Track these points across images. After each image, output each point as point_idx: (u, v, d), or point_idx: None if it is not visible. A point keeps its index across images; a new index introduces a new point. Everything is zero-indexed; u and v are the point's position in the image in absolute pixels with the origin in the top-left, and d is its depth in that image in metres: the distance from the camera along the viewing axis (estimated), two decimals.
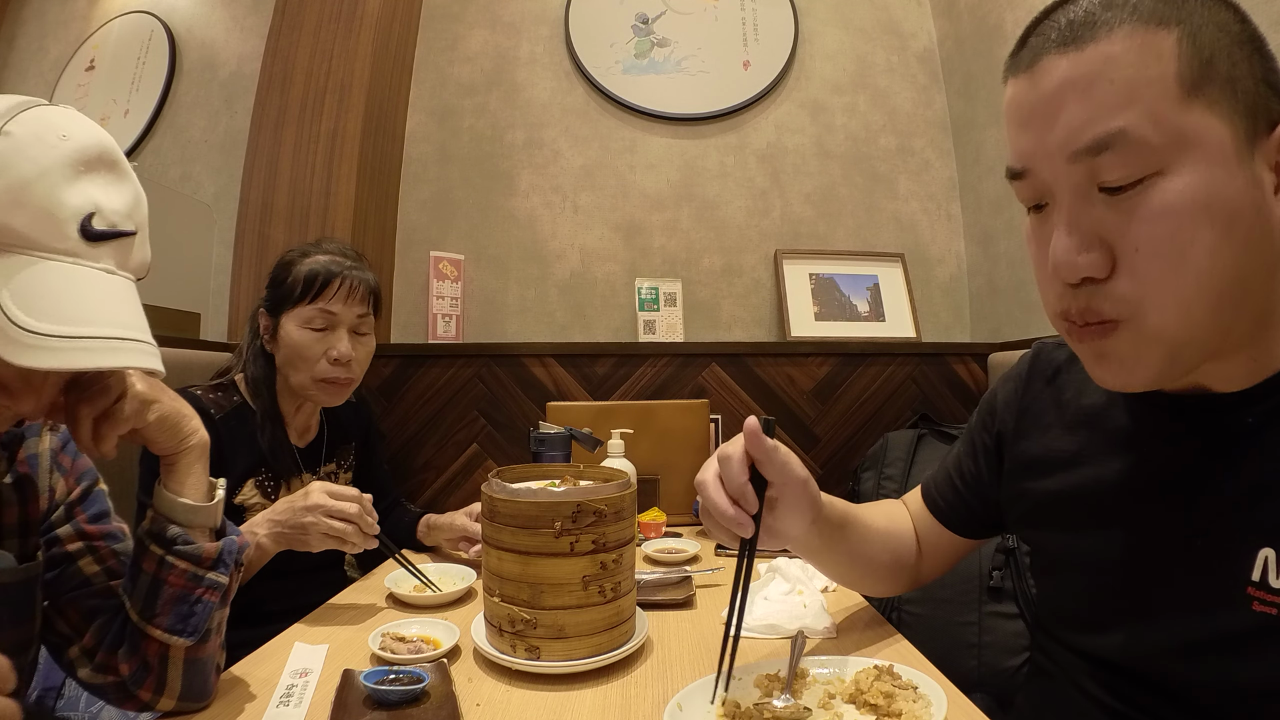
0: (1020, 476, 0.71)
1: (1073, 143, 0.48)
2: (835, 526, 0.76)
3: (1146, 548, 0.57)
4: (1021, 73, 0.52)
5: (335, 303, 1.15)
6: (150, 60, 2.59)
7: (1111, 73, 0.47)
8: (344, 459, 1.32)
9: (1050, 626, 0.69)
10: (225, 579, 0.68)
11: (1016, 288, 2.04)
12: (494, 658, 0.76)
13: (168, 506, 0.68)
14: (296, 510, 0.96)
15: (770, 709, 0.61)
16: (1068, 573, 0.65)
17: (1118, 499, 0.60)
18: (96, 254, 0.53)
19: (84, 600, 0.68)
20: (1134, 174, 0.47)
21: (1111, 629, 0.59)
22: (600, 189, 2.32)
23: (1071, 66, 0.48)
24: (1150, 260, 0.47)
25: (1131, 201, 0.48)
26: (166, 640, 0.65)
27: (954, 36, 2.36)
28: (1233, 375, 0.53)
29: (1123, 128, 0.46)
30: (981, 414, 0.80)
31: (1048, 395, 0.71)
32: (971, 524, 0.81)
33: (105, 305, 0.52)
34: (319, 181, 1.96)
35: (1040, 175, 0.51)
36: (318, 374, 1.15)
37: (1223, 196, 0.46)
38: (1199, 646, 0.53)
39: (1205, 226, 0.46)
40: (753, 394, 2.03)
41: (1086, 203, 0.49)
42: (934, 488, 0.84)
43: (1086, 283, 0.50)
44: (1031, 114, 0.51)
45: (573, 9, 2.39)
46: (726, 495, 0.65)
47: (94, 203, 0.53)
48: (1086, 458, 0.64)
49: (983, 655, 1.34)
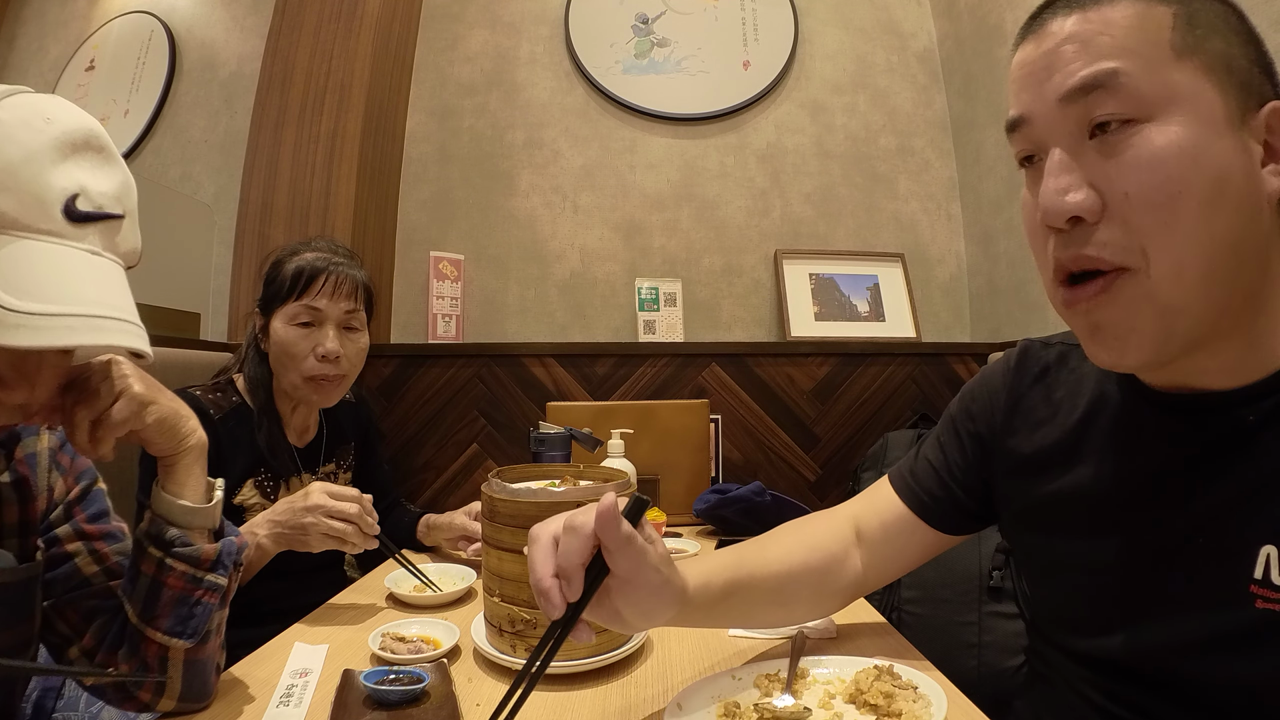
0: (1011, 476, 0.70)
1: (1066, 83, 0.50)
2: (715, 601, 0.68)
3: (1146, 548, 0.57)
4: (1030, 37, 0.54)
5: (321, 298, 1.14)
6: (150, 60, 2.60)
7: (1110, 30, 0.49)
8: (343, 459, 1.32)
9: (1048, 631, 0.67)
10: (224, 580, 0.68)
11: (1016, 288, 2.04)
12: (494, 658, 0.76)
13: (166, 508, 0.67)
14: (296, 511, 0.96)
15: (770, 709, 0.61)
16: (1065, 576, 0.64)
17: (1115, 500, 0.60)
18: (82, 235, 0.52)
19: (83, 601, 0.68)
20: (1124, 112, 0.48)
21: (1112, 631, 0.59)
22: (600, 189, 2.32)
23: (1073, 24, 0.51)
24: (1141, 208, 0.48)
25: (1120, 145, 0.49)
26: (166, 642, 0.65)
27: (954, 36, 2.36)
28: (1227, 366, 0.53)
29: (1115, 69, 0.48)
30: (964, 403, 0.76)
31: (1037, 393, 0.69)
32: (957, 519, 0.76)
33: (90, 285, 0.52)
34: (319, 181, 1.96)
35: (1035, 124, 0.53)
36: (306, 371, 1.14)
37: (1211, 153, 0.47)
38: (1202, 645, 0.53)
39: (1195, 179, 0.47)
40: (753, 394, 2.03)
41: (1078, 147, 0.51)
42: (914, 483, 0.77)
43: (1076, 225, 0.50)
44: (1033, 70, 0.53)
45: (573, 9, 2.39)
46: (553, 567, 0.54)
47: (80, 184, 0.52)
48: (1081, 458, 0.63)
49: (983, 655, 1.34)
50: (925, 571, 1.59)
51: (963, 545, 1.52)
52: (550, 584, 0.54)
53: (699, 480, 1.56)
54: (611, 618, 0.57)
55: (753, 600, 0.72)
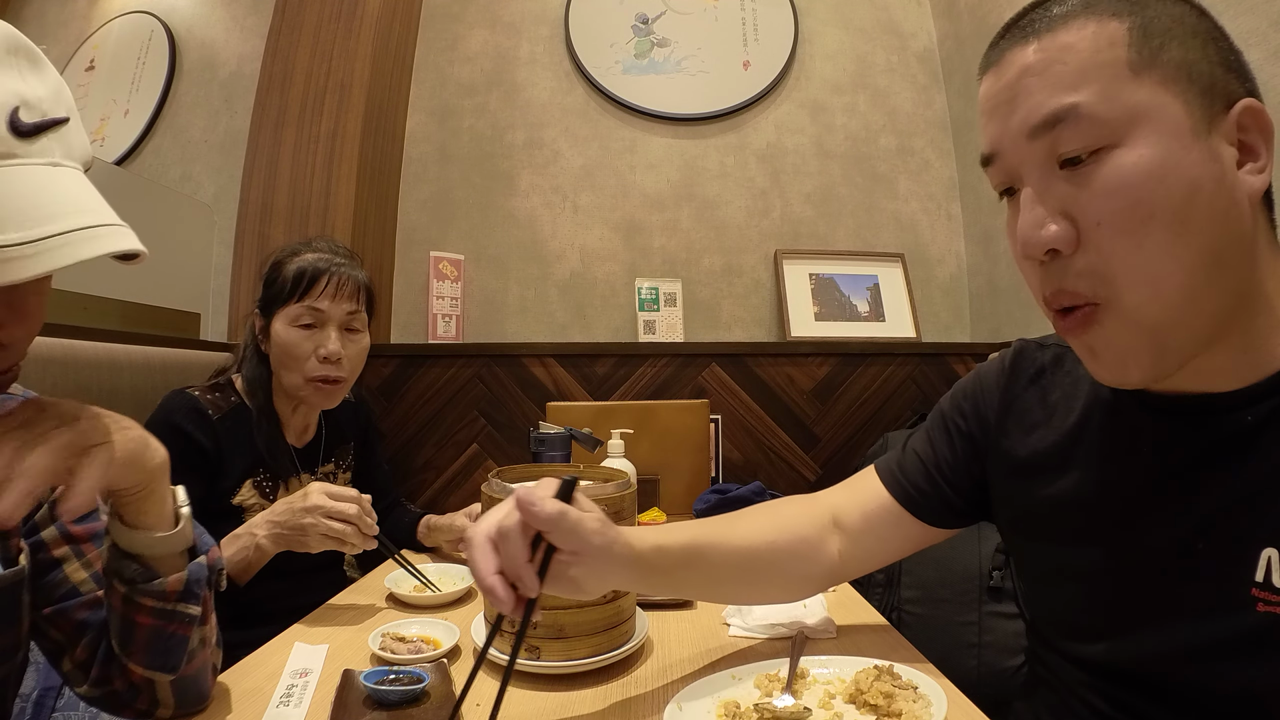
0: (1007, 479, 0.69)
1: (1030, 119, 0.51)
2: (674, 566, 0.69)
3: (1145, 553, 0.57)
4: (991, 68, 0.55)
5: (323, 300, 1.14)
6: (150, 60, 2.60)
7: (1066, 57, 0.50)
8: (343, 459, 1.32)
9: (1047, 635, 0.67)
10: (197, 609, 0.64)
11: (1016, 288, 2.04)
12: (494, 658, 0.76)
13: (130, 542, 0.60)
14: (295, 511, 0.95)
15: (770, 709, 0.61)
16: (1064, 581, 0.63)
17: (1113, 504, 0.59)
18: (36, 149, 0.49)
19: (74, 612, 0.66)
20: (1089, 144, 0.49)
21: (1112, 637, 0.58)
22: (600, 189, 2.32)
23: (1031, 55, 0.51)
24: (1112, 235, 0.48)
25: (1089, 174, 0.49)
26: (148, 675, 0.63)
27: (954, 36, 2.36)
28: (1225, 369, 0.52)
29: (1075, 103, 0.49)
30: (956, 401, 0.76)
31: (1033, 394, 0.69)
32: (944, 514, 0.75)
33: (63, 196, 0.48)
34: (319, 181, 1.96)
35: (1006, 158, 0.54)
36: (308, 373, 1.14)
37: (1179, 168, 0.47)
38: (1204, 650, 0.52)
39: (1163, 197, 0.47)
40: (753, 394, 2.03)
41: (1049, 179, 0.51)
42: (902, 476, 0.76)
43: (1054, 258, 0.51)
44: (997, 102, 0.54)
45: (573, 9, 2.39)
46: (495, 565, 0.56)
47: (16, 95, 0.49)
48: (1078, 462, 0.62)
49: (983, 655, 1.34)
50: (925, 571, 1.59)
51: (963, 545, 1.52)
52: (493, 581, 0.56)
53: (699, 480, 1.56)
54: (570, 588, 0.60)
55: (716, 573, 0.73)
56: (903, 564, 1.71)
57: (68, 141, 0.52)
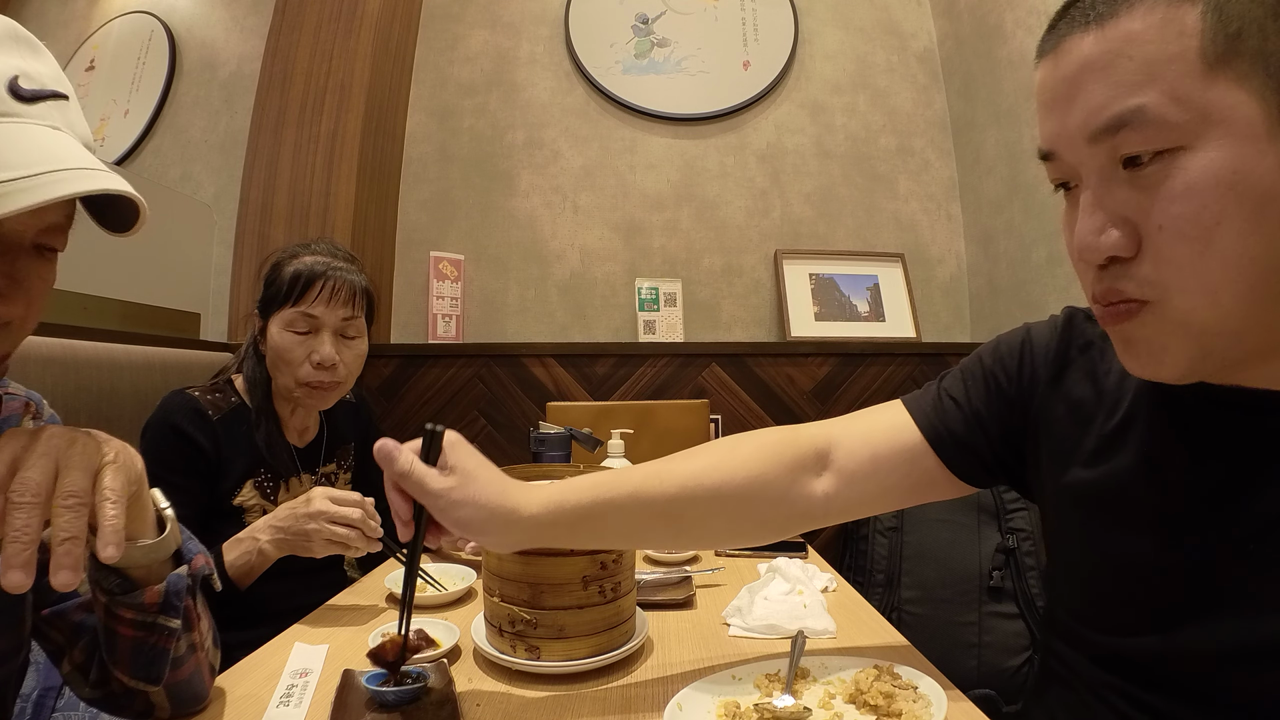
0: (1052, 454, 0.65)
1: (1091, 123, 0.47)
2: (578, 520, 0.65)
3: (1195, 549, 0.54)
4: (1047, 55, 0.51)
5: (318, 305, 1.13)
6: (150, 60, 2.60)
7: (1131, 50, 0.45)
8: (343, 459, 1.32)
9: (1070, 628, 0.63)
10: (177, 621, 0.63)
11: (1016, 288, 2.04)
12: (494, 658, 0.76)
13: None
14: (299, 517, 0.95)
15: (770, 709, 0.61)
16: (1102, 569, 0.60)
17: (1165, 495, 0.56)
18: (36, 112, 0.51)
19: (70, 615, 0.66)
20: (1155, 146, 0.45)
21: (1148, 633, 0.55)
22: (600, 189, 2.32)
23: (1092, 45, 0.47)
24: (1174, 240, 0.45)
25: (1154, 178, 0.46)
26: (136, 686, 0.63)
27: (954, 36, 2.36)
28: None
29: (1141, 105, 0.45)
30: (1001, 354, 0.70)
31: (1081, 366, 0.64)
32: (975, 467, 0.69)
33: (62, 151, 0.50)
34: (319, 182, 1.96)
35: (1065, 158, 0.50)
36: (301, 377, 1.14)
37: (1252, 175, 0.44)
38: (1250, 654, 0.50)
39: (1232, 206, 0.44)
40: (753, 394, 2.03)
41: (1110, 183, 0.48)
42: (935, 417, 0.70)
43: (1113, 264, 0.48)
44: (1054, 97, 0.50)
45: (573, 9, 2.39)
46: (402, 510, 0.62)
47: (17, 68, 0.51)
48: (1130, 447, 0.58)
49: (983, 655, 1.34)
50: (925, 571, 1.59)
51: (963, 545, 1.52)
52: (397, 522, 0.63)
53: None
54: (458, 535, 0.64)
55: (637, 525, 0.69)
56: (903, 564, 1.71)
57: (68, 117, 0.53)
